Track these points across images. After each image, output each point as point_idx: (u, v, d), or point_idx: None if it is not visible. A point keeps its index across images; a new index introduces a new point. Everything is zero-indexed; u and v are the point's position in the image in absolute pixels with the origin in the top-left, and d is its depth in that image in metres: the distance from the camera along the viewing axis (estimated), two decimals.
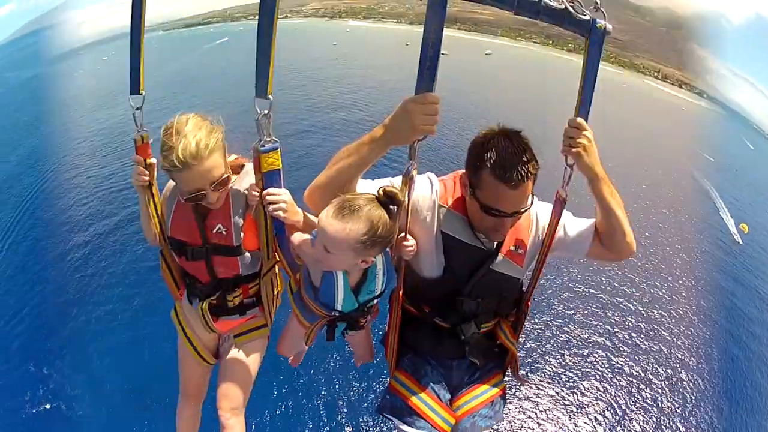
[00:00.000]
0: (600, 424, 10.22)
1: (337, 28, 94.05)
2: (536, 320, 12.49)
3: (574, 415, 10.36)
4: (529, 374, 11.17)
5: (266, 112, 1.57)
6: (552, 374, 11.45)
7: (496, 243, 1.95)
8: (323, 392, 10.07)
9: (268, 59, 1.50)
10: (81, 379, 10.62)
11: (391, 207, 1.60)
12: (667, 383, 11.68)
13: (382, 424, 9.49)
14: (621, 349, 12.46)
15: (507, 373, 2.31)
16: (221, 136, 1.92)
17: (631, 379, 11.61)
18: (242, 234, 2.02)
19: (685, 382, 11.79)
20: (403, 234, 1.77)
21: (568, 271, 14.56)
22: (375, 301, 1.94)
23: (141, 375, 10.49)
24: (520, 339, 2.22)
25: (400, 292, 1.99)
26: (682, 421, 10.60)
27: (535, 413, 10.20)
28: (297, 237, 1.84)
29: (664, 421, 10.56)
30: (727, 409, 11.31)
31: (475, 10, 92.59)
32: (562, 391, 10.98)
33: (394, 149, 1.59)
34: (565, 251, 2.00)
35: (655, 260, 16.86)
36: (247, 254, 2.08)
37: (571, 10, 1.49)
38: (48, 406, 10.06)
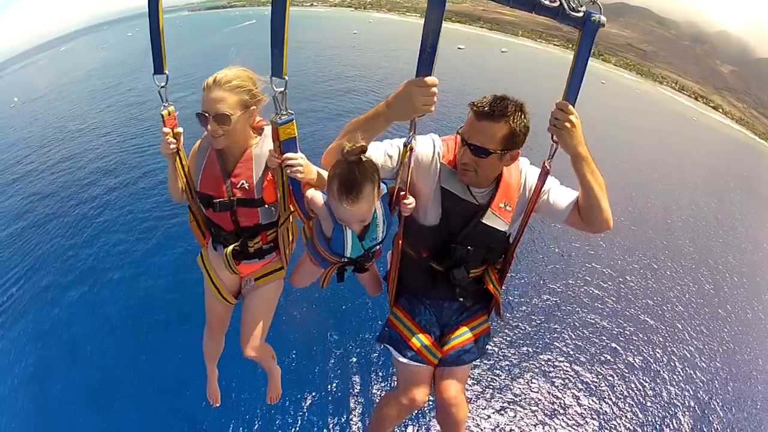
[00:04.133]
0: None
1: (360, 19, 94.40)
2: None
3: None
4: (510, 315, 11.80)
5: (282, 89, 1.69)
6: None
7: (488, 198, 2.14)
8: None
9: (282, 45, 1.58)
10: (86, 306, 11.80)
11: (364, 156, 1.74)
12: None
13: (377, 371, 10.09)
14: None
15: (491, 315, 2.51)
16: (250, 90, 2.08)
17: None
18: (263, 188, 2.21)
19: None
20: (403, 192, 1.99)
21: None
22: (378, 246, 2.18)
23: (139, 304, 11.66)
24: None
25: (401, 239, 2.21)
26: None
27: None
28: (310, 192, 2.07)
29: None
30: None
31: (501, 11, 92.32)
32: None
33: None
34: (547, 215, 2.16)
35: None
36: (267, 205, 2.26)
37: (565, 7, 1.51)
38: (56, 328, 11.16)
